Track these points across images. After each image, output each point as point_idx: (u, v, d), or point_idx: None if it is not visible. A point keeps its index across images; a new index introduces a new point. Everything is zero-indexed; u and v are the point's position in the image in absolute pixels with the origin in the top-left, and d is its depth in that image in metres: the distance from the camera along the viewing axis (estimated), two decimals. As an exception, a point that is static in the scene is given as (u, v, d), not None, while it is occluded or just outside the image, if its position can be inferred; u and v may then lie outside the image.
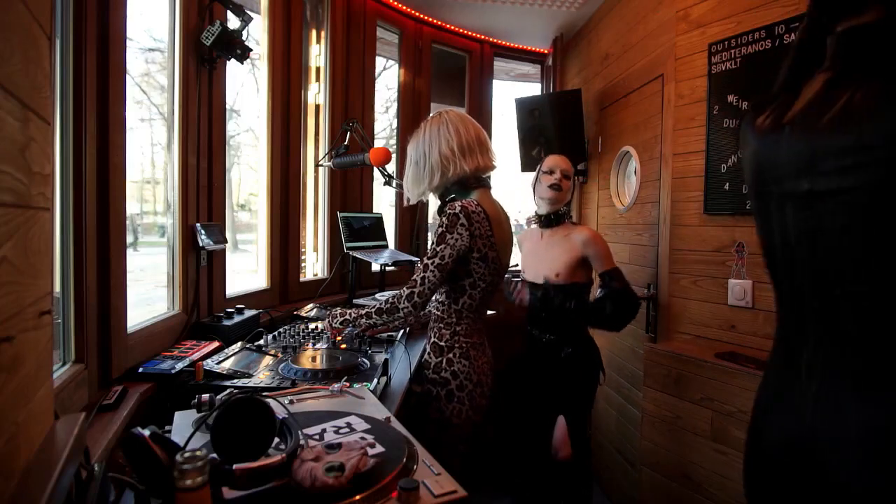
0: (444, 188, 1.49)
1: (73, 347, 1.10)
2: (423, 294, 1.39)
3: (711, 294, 1.96)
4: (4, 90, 0.55)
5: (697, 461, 1.74)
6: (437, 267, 1.38)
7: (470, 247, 1.39)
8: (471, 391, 1.46)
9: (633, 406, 2.36)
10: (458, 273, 1.44)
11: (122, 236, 1.24)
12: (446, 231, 1.38)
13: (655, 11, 2.30)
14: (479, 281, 1.45)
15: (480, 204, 1.42)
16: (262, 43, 2.13)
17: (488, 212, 1.43)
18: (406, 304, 1.41)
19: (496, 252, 1.44)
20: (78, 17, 1.09)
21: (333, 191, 2.64)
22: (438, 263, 1.38)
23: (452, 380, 1.45)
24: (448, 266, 1.38)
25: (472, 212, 1.39)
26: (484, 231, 1.40)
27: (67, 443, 0.66)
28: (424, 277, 1.38)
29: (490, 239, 1.42)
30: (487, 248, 1.41)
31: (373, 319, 1.47)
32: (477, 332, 1.52)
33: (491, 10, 3.03)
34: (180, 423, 0.94)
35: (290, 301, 2.26)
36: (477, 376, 1.47)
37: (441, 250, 1.38)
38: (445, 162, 1.45)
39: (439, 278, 1.39)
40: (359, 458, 0.70)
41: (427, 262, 1.39)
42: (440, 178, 1.46)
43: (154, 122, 2.20)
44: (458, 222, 1.37)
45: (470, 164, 1.45)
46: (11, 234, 0.57)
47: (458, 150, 1.44)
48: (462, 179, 1.46)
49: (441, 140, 1.45)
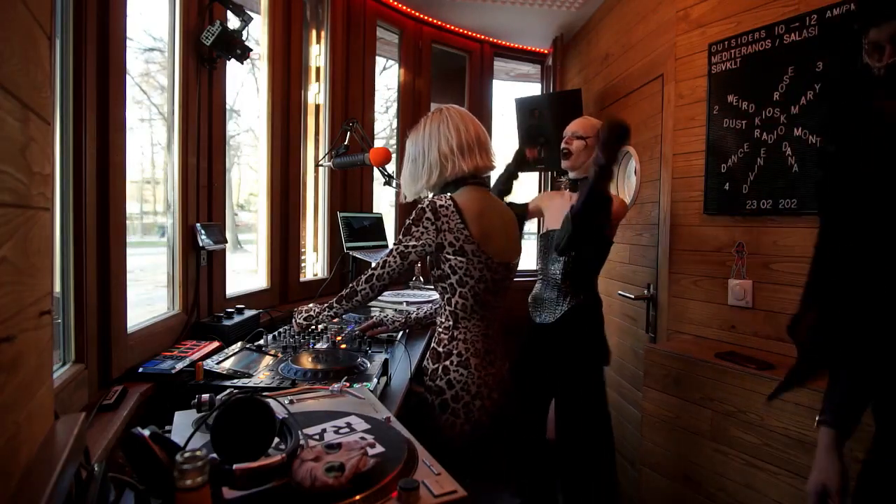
0: (441, 187, 1.47)
1: (73, 347, 1.10)
2: (382, 278, 1.39)
3: (711, 294, 1.96)
4: (4, 90, 0.55)
5: (697, 461, 1.74)
6: (399, 253, 1.37)
7: (439, 242, 1.37)
8: (467, 403, 1.38)
9: (633, 406, 2.36)
10: (444, 270, 1.40)
11: (122, 236, 1.24)
12: (412, 224, 1.38)
13: (655, 11, 2.30)
14: (466, 277, 1.38)
15: (452, 198, 1.38)
16: (262, 43, 2.13)
17: (462, 205, 1.37)
18: (364, 285, 1.41)
19: (475, 245, 1.36)
20: (78, 17, 1.09)
21: (333, 191, 2.64)
22: (401, 251, 1.37)
23: (447, 389, 1.38)
24: (409, 255, 1.37)
25: (439, 206, 1.37)
26: (453, 224, 1.36)
27: (67, 443, 0.66)
28: (386, 262, 1.38)
29: (463, 231, 1.36)
30: (462, 241, 1.36)
31: (334, 309, 1.46)
32: (483, 339, 1.44)
33: (491, 10, 3.03)
34: (180, 423, 0.94)
35: (290, 301, 2.26)
36: (477, 388, 1.39)
37: (405, 240, 1.38)
38: (444, 160, 1.42)
39: (399, 265, 1.38)
40: (359, 458, 0.70)
41: (392, 248, 1.40)
42: (438, 176, 1.44)
43: (154, 122, 2.20)
44: (424, 216, 1.37)
45: (469, 163, 1.42)
46: (11, 234, 0.57)
47: (458, 149, 1.42)
48: (458, 179, 1.44)
49: (440, 138, 1.43)
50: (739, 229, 1.86)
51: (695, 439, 1.75)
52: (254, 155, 2.45)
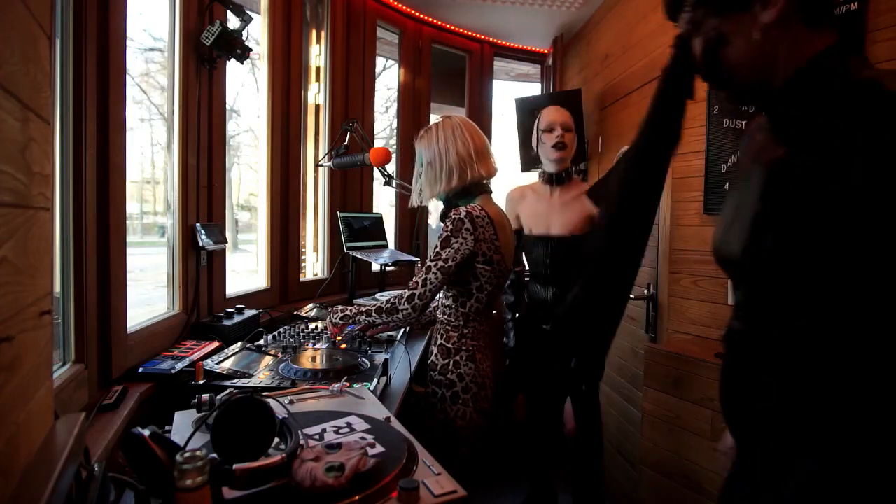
0: (456, 193, 1.50)
1: (73, 347, 1.10)
2: (424, 296, 1.39)
3: (711, 294, 1.96)
4: (4, 90, 0.55)
5: (697, 461, 1.73)
6: (439, 270, 1.38)
7: (475, 251, 1.41)
8: (475, 394, 1.46)
9: (633, 406, 2.36)
10: (466, 277, 1.45)
11: (122, 236, 1.24)
12: (451, 235, 1.39)
13: (656, 11, 2.30)
14: (486, 284, 1.46)
15: (484, 209, 1.44)
16: (262, 43, 2.13)
17: (492, 216, 1.45)
18: (406, 305, 1.40)
19: (500, 255, 1.46)
20: (78, 17, 1.09)
21: (333, 191, 2.64)
22: (442, 266, 1.38)
23: (458, 382, 1.45)
24: (451, 269, 1.39)
25: (476, 216, 1.41)
26: (488, 235, 1.43)
27: (67, 443, 0.65)
28: (427, 279, 1.38)
29: (495, 243, 1.44)
30: (492, 252, 1.44)
31: (372, 318, 1.47)
32: (483, 336, 1.53)
33: (491, 10, 3.03)
34: (180, 423, 0.94)
35: (290, 301, 2.26)
36: (482, 379, 1.48)
37: (445, 254, 1.39)
38: (463, 164, 1.46)
39: (441, 281, 1.39)
40: (359, 459, 0.70)
41: (430, 264, 1.39)
42: (458, 179, 1.47)
43: (154, 122, 2.21)
44: (464, 227, 1.39)
45: (484, 168, 1.48)
46: (11, 234, 0.57)
47: (475, 155, 1.47)
48: (468, 186, 1.48)
49: (458, 142, 1.47)
50: (739, 229, 1.86)
51: (695, 439, 1.75)
52: (254, 155, 2.45)
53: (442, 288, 1.43)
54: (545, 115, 2.07)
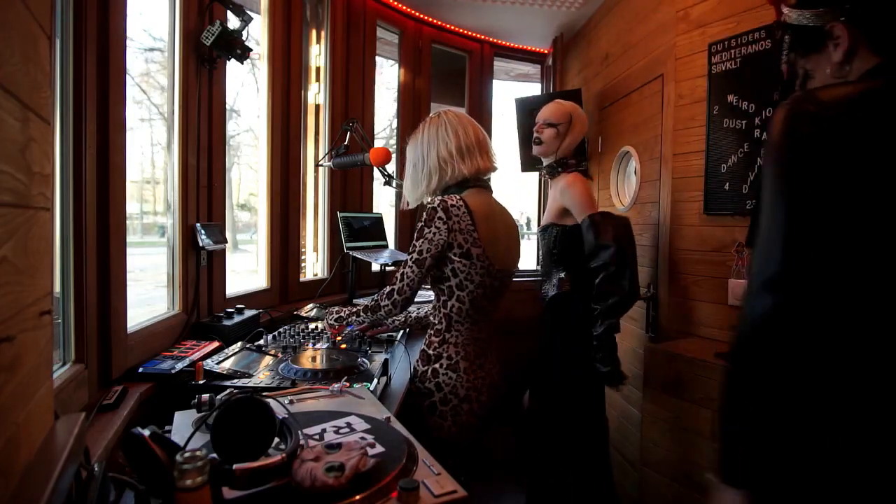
0: (443, 191, 1.46)
1: (73, 347, 1.10)
2: (403, 291, 1.37)
3: (711, 294, 1.96)
4: (4, 90, 0.55)
5: (697, 461, 1.73)
6: (415, 262, 1.35)
7: (449, 241, 1.34)
8: (455, 406, 1.38)
9: (633, 406, 2.36)
10: (443, 272, 1.38)
11: (122, 236, 1.24)
12: (424, 226, 1.35)
13: (655, 11, 2.30)
14: (467, 282, 1.37)
15: (464, 199, 1.37)
16: (262, 43, 2.13)
17: (472, 206, 1.37)
18: (386, 301, 1.39)
19: (481, 249, 1.36)
20: (78, 17, 1.09)
21: (333, 191, 2.64)
22: (416, 259, 1.35)
23: (436, 392, 1.38)
24: (426, 261, 1.35)
25: (450, 205, 1.35)
26: (465, 226, 1.34)
27: (67, 443, 0.65)
28: (403, 273, 1.36)
29: (472, 234, 1.35)
30: (470, 244, 1.35)
31: (361, 317, 1.46)
32: (474, 343, 1.43)
33: (491, 10, 3.03)
34: (180, 423, 0.94)
35: (290, 301, 2.26)
36: (465, 391, 1.39)
37: (419, 245, 1.35)
38: (443, 164, 1.42)
39: (417, 274, 1.35)
40: (359, 459, 0.70)
41: (407, 258, 1.37)
42: (438, 181, 1.43)
43: (154, 122, 2.20)
44: (436, 216, 1.34)
45: (469, 166, 1.42)
46: (11, 234, 0.57)
47: (457, 153, 1.41)
48: (460, 182, 1.43)
49: (439, 142, 1.42)
50: (739, 229, 1.86)
51: (695, 439, 1.75)
52: (254, 155, 2.45)
53: (422, 281, 1.38)
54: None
